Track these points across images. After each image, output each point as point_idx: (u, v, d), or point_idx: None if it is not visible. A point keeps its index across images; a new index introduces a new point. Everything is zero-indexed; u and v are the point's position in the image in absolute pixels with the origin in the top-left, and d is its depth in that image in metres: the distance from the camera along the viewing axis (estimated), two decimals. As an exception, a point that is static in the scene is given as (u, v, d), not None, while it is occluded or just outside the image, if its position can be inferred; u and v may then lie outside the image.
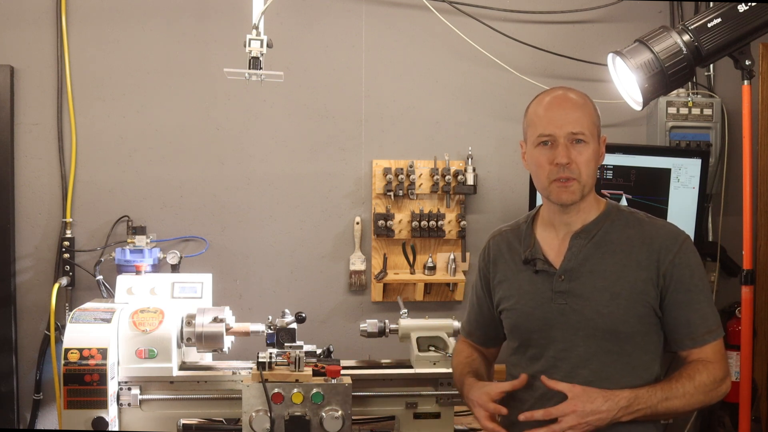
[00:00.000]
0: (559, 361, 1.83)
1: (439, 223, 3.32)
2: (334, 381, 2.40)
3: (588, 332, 1.81)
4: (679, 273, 1.81)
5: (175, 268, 3.05)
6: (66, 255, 3.20)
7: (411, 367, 2.63)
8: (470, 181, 3.32)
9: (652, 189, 3.09)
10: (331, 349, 2.58)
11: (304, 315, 2.54)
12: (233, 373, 2.58)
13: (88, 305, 2.67)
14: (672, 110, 3.29)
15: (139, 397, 2.51)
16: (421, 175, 3.34)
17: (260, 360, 2.41)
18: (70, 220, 3.23)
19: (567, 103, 1.84)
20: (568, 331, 1.82)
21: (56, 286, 3.07)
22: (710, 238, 3.37)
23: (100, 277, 3.11)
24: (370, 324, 2.71)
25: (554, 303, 1.84)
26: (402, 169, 3.32)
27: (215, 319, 2.62)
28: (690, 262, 1.83)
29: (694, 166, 3.08)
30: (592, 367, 1.80)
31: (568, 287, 1.83)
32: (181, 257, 3.08)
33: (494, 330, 2.06)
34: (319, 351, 2.54)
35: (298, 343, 2.50)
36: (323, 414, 2.37)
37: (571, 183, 1.81)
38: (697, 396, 1.76)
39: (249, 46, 2.66)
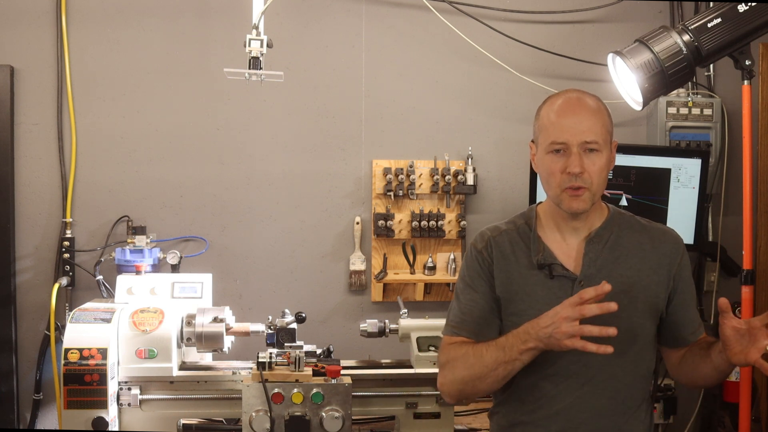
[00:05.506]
0: (572, 364, 1.82)
1: (439, 223, 3.32)
2: (334, 381, 2.40)
3: (605, 337, 1.80)
4: (685, 274, 1.88)
5: (175, 268, 3.05)
6: (66, 255, 3.19)
7: (411, 367, 2.63)
8: (470, 181, 3.31)
9: (652, 189, 3.09)
10: (331, 349, 2.59)
11: (304, 315, 2.55)
12: (233, 373, 2.59)
13: (88, 305, 2.68)
14: (672, 110, 3.29)
15: (139, 397, 2.51)
16: (421, 175, 3.34)
17: (260, 360, 2.41)
18: (70, 220, 3.23)
19: (581, 109, 1.79)
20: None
21: (56, 286, 3.07)
22: (710, 238, 3.36)
23: (100, 277, 3.11)
24: (370, 324, 2.71)
25: None
26: (402, 169, 3.32)
27: (215, 319, 2.62)
28: (688, 263, 1.91)
29: (694, 166, 3.08)
30: (604, 369, 1.81)
31: None
32: (181, 257, 3.08)
33: (489, 327, 2.00)
34: (319, 351, 2.54)
35: (298, 343, 2.51)
36: (323, 414, 2.37)
37: (583, 192, 1.78)
38: None
39: (249, 46, 2.66)
